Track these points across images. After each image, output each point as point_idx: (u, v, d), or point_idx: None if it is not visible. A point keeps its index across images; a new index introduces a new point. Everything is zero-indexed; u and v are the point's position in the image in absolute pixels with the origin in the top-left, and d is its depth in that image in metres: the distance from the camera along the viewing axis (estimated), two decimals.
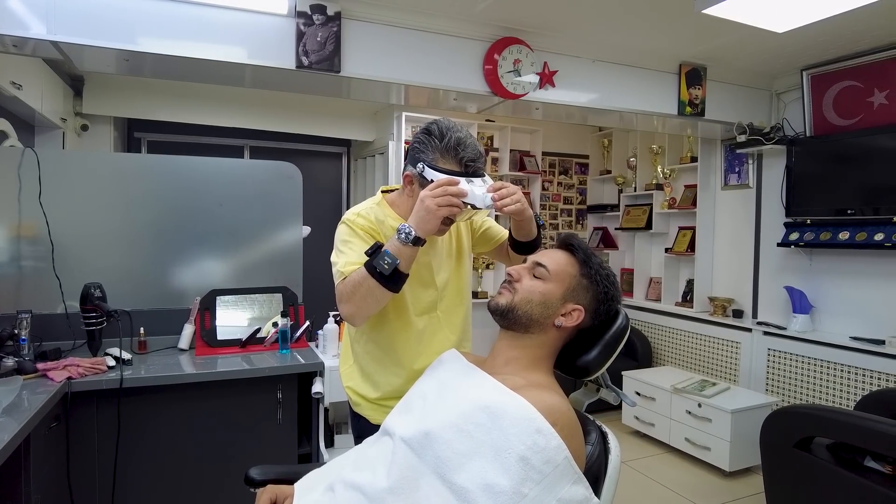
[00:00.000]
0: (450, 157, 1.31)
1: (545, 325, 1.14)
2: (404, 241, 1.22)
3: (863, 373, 3.06)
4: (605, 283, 1.18)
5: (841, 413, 2.16)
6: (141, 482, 2.10)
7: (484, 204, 1.27)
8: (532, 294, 1.15)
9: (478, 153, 1.33)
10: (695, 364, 4.12)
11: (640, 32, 2.97)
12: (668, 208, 4.40)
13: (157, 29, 2.28)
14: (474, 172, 1.31)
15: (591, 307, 1.17)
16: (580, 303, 1.16)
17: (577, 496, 0.94)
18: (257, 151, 4.57)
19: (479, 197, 1.27)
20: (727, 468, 3.17)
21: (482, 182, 1.31)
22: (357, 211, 1.44)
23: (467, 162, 1.31)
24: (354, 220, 1.41)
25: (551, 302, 1.14)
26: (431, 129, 1.34)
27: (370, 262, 1.24)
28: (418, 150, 1.35)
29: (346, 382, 1.55)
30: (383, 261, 1.22)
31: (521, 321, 1.14)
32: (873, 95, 3.14)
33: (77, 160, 2.72)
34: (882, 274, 3.15)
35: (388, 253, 1.22)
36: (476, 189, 1.27)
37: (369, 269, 1.23)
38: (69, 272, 2.40)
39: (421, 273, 1.44)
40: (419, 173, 1.32)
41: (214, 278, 2.71)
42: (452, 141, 1.31)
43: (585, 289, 1.17)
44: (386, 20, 2.66)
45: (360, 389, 1.50)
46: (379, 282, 1.23)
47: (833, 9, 2.52)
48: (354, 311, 1.31)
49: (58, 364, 2.00)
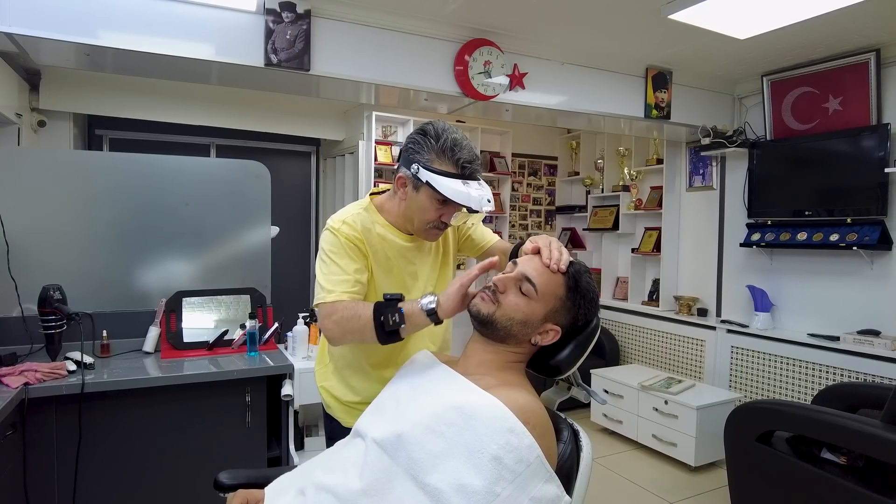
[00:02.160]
0: (446, 159, 1.28)
1: (521, 340, 1.13)
2: (422, 309, 1.17)
3: (820, 368, 3.18)
4: (586, 307, 1.16)
5: (799, 407, 2.24)
6: (103, 491, 2.03)
7: (480, 207, 1.26)
8: (515, 312, 1.11)
9: (474, 155, 1.31)
10: (661, 362, 4.21)
11: (608, 36, 3.02)
12: (635, 209, 4.48)
13: (120, 23, 2.21)
14: (471, 174, 1.30)
15: (567, 326, 1.16)
16: (559, 323, 1.14)
17: (549, 494, 0.95)
18: (224, 150, 4.48)
19: (476, 199, 1.26)
20: (693, 463, 3.25)
21: (478, 185, 1.30)
22: (343, 217, 1.39)
23: (464, 164, 1.29)
24: (339, 228, 1.36)
25: (532, 322, 1.12)
26: (427, 129, 1.31)
27: (380, 310, 1.20)
28: (413, 150, 1.31)
29: (321, 382, 1.53)
30: (392, 318, 1.18)
31: (499, 334, 1.12)
32: (828, 101, 3.27)
33: (33, 157, 2.62)
34: (837, 273, 3.28)
35: (402, 313, 1.18)
36: (472, 192, 1.26)
37: (375, 316, 1.20)
38: (26, 273, 2.30)
39: (406, 282, 1.42)
40: (413, 174, 1.29)
41: (180, 279, 2.65)
42: (449, 142, 1.28)
43: (567, 310, 1.14)
44: (356, 19, 2.64)
45: (335, 391, 1.49)
46: (376, 330, 1.20)
47: (790, 18, 2.62)
48: (338, 337, 1.30)
49: (14, 370, 1.92)
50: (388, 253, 1.40)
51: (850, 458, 2.09)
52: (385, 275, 1.40)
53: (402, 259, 1.42)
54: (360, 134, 4.14)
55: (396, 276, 1.42)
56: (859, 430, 1.93)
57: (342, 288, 1.29)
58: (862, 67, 3.08)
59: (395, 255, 1.41)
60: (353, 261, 1.33)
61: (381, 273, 1.40)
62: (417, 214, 1.35)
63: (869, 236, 3.01)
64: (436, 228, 1.37)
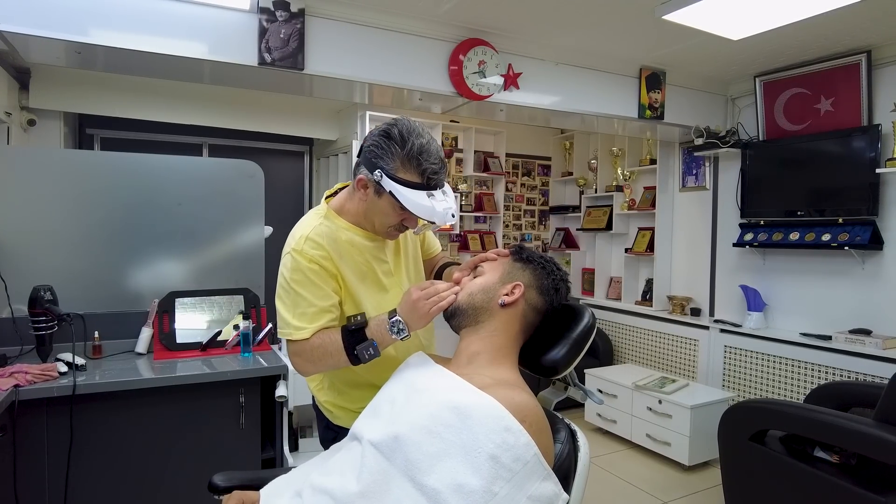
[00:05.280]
0: (412, 168, 1.22)
1: (491, 308, 1.17)
2: (396, 335, 1.21)
3: (812, 367, 3.20)
4: (539, 261, 1.22)
5: (792, 406, 2.26)
6: (95, 494, 2.01)
7: (444, 221, 1.24)
8: (472, 287, 1.20)
9: (441, 163, 1.25)
10: (655, 361, 4.23)
11: (602, 37, 3.03)
12: (628, 209, 4.50)
13: (112, 20, 2.19)
14: (436, 185, 1.25)
15: (533, 283, 1.20)
16: (519, 280, 1.20)
17: (547, 492, 0.95)
18: (216, 149, 4.45)
19: (440, 214, 1.23)
20: (687, 462, 3.27)
21: (443, 195, 1.26)
22: (304, 234, 1.28)
23: (430, 175, 1.23)
24: (302, 250, 1.26)
25: (490, 287, 1.19)
26: (391, 132, 1.23)
27: (353, 345, 1.22)
28: (376, 154, 1.23)
29: (322, 399, 1.48)
30: (367, 352, 1.22)
31: (469, 313, 1.18)
32: (820, 102, 3.29)
33: (23, 156, 2.58)
34: (829, 272, 3.30)
35: (375, 346, 1.22)
36: (437, 206, 1.23)
37: (348, 350, 1.22)
38: (16, 274, 2.27)
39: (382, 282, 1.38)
40: (376, 181, 1.22)
41: (173, 280, 2.62)
42: (415, 149, 1.21)
43: (521, 269, 1.22)
44: (351, 18, 2.63)
45: (340, 402, 1.45)
46: (351, 361, 1.23)
47: (783, 19, 2.64)
48: (311, 370, 1.30)
49: (3, 371, 1.90)
50: (359, 258, 1.34)
51: (842, 456, 2.10)
52: (360, 280, 1.35)
53: (374, 260, 1.37)
54: (353, 134, 4.13)
55: (371, 279, 1.37)
56: (852, 428, 1.95)
57: (309, 323, 1.25)
58: (853, 69, 3.10)
59: (369, 258, 1.36)
60: (319, 287, 1.27)
61: (356, 280, 1.34)
62: (378, 218, 1.30)
63: (860, 236, 3.04)
64: (396, 230, 1.34)
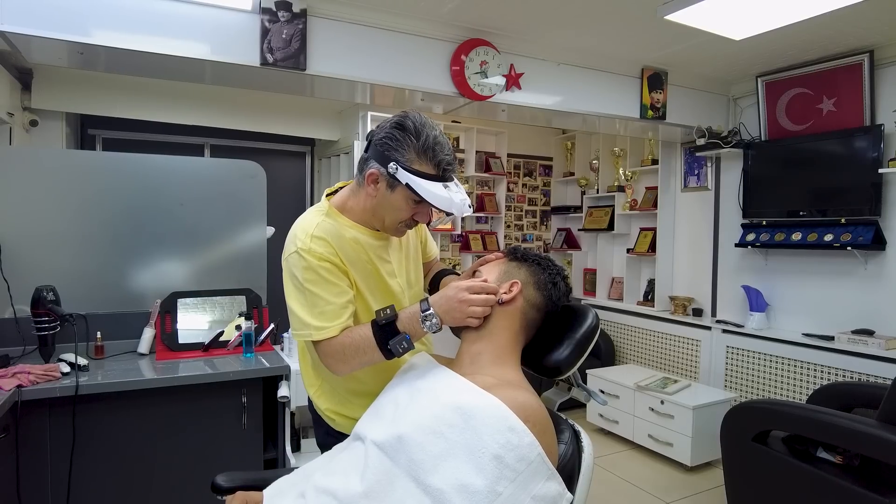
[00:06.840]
0: (427, 160, 1.21)
1: (491, 308, 1.17)
2: (428, 329, 1.18)
3: (814, 368, 3.19)
4: (534, 258, 1.24)
5: (795, 407, 2.25)
6: (98, 495, 2.01)
7: (461, 212, 1.24)
8: None
9: (452, 154, 1.25)
10: (657, 362, 4.22)
11: (604, 37, 3.03)
12: (630, 210, 4.49)
13: (114, 21, 2.19)
14: (450, 176, 1.25)
15: (530, 280, 1.20)
16: (516, 278, 1.20)
17: (551, 492, 0.94)
18: (218, 150, 4.45)
19: (458, 205, 1.23)
20: (689, 463, 3.26)
21: (457, 187, 1.26)
22: (310, 232, 1.25)
23: (445, 166, 1.23)
24: (309, 248, 1.23)
25: (489, 287, 1.19)
26: (405, 124, 1.21)
27: (386, 340, 1.18)
28: (390, 147, 1.21)
29: (323, 406, 1.43)
30: (401, 346, 1.18)
31: None
32: (822, 102, 3.29)
33: (26, 157, 2.59)
34: (831, 273, 3.30)
35: (409, 339, 1.18)
36: (455, 197, 1.22)
37: (381, 346, 1.18)
38: (18, 274, 2.28)
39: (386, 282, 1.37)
40: (390, 174, 1.20)
41: (175, 280, 2.63)
42: (430, 140, 1.20)
43: (517, 268, 1.23)
44: (352, 18, 2.63)
45: (344, 411, 1.41)
46: (385, 356, 1.19)
47: (785, 19, 2.64)
48: (345, 370, 1.25)
49: (6, 371, 1.90)
50: (364, 256, 1.32)
51: (845, 457, 2.10)
52: (364, 280, 1.32)
53: (379, 260, 1.34)
54: (355, 134, 4.13)
55: (376, 278, 1.34)
56: (855, 429, 1.94)
57: (331, 321, 1.22)
58: (856, 68, 3.10)
59: (373, 257, 1.33)
60: (335, 284, 1.24)
61: (360, 279, 1.31)
62: (389, 213, 1.28)
63: (863, 236, 3.03)
64: (406, 226, 1.33)
